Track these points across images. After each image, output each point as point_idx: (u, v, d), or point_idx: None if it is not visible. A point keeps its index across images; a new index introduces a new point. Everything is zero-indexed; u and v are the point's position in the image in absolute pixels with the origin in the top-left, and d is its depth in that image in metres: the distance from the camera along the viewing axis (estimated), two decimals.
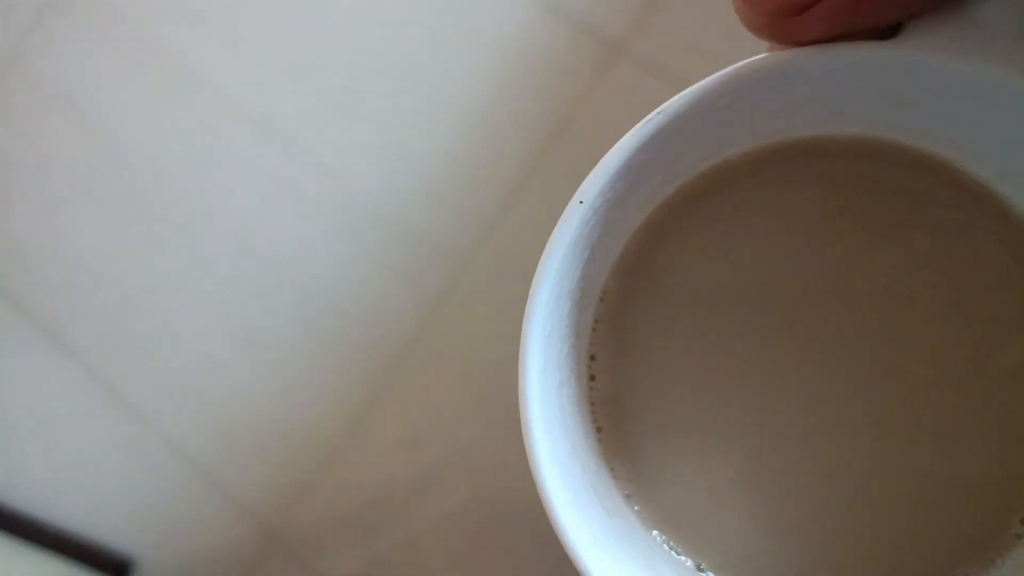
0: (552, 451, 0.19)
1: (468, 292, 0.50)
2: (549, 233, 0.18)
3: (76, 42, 0.54)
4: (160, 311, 0.54)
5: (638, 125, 0.18)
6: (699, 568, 0.22)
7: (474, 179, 0.51)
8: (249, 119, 0.51)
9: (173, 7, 0.53)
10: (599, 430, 0.22)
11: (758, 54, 0.18)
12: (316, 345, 0.52)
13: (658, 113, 0.18)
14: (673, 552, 0.22)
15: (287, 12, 0.52)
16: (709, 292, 0.22)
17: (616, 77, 0.49)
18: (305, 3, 0.52)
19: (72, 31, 0.53)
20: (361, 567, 0.53)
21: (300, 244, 0.52)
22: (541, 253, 0.18)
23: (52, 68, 0.54)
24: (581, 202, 0.18)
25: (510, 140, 0.51)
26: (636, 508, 0.22)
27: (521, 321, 0.18)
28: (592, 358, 0.22)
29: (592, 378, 0.22)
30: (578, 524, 0.18)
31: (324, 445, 0.53)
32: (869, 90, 0.19)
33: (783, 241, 0.22)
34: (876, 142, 0.21)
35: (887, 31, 0.17)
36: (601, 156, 0.18)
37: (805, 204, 0.22)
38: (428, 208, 0.51)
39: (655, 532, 0.22)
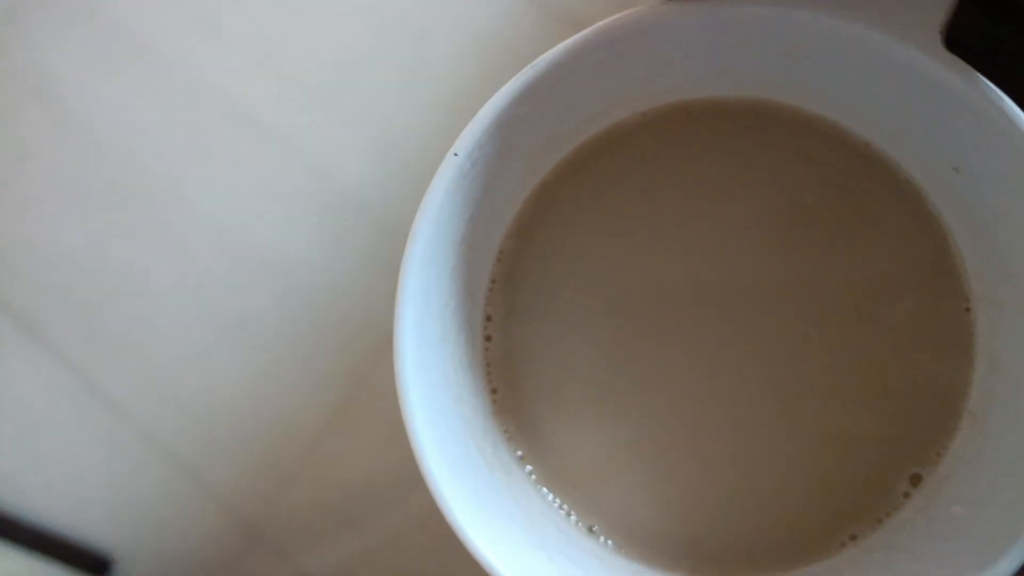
0: (427, 404, 0.19)
1: None
2: None
3: (54, 35, 0.54)
4: (139, 305, 0.53)
5: (513, 78, 0.18)
6: (591, 530, 0.22)
7: None
8: (230, 113, 0.51)
9: (155, 1, 0.53)
10: (494, 391, 0.22)
11: None
12: (297, 338, 0.52)
13: (532, 67, 0.18)
14: (563, 512, 0.22)
15: (269, 5, 0.52)
16: (603, 255, 0.22)
17: None
18: None
19: (49, 24, 0.53)
20: (343, 561, 0.52)
21: (281, 238, 0.52)
22: None
23: (29, 61, 0.54)
24: (456, 154, 0.18)
25: None
26: (528, 468, 0.22)
27: None
28: (488, 318, 0.22)
29: (488, 339, 0.22)
30: (452, 478, 0.18)
31: (305, 438, 0.52)
32: (752, 49, 0.19)
33: (675, 203, 0.22)
34: (765, 104, 0.21)
35: None
36: None
37: (696, 166, 0.22)
38: (410, 201, 0.51)
39: (545, 491, 0.22)
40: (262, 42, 0.54)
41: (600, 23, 0.18)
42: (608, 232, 0.22)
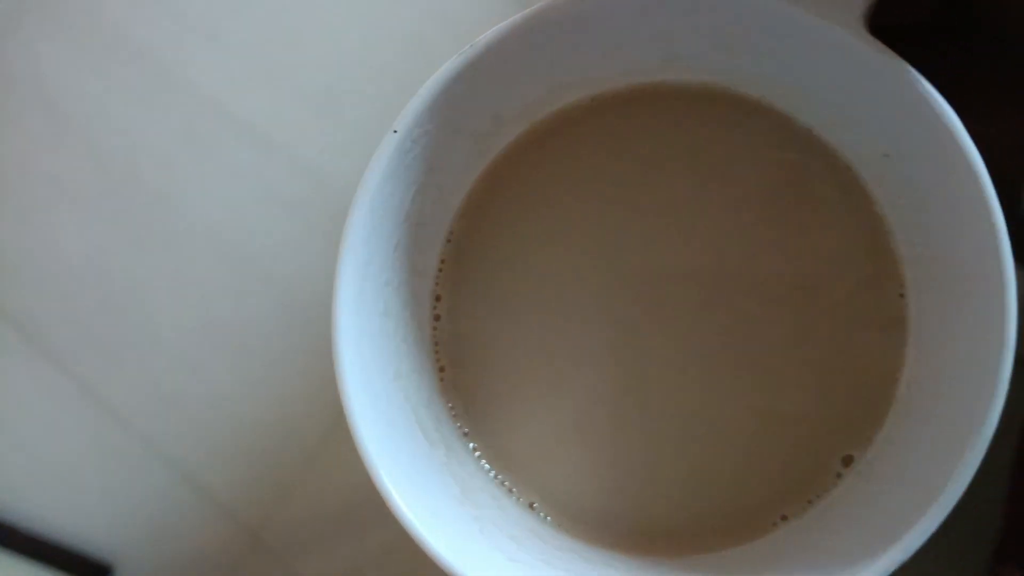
0: (365, 375, 0.19)
1: None
2: None
3: (53, 43, 0.53)
4: (137, 312, 0.52)
5: (452, 58, 0.19)
6: (531, 506, 0.22)
7: None
8: (228, 120, 0.51)
9: (152, 7, 0.52)
10: (442, 369, 0.23)
11: None
12: (295, 344, 0.51)
13: (471, 46, 0.19)
14: (505, 488, 0.22)
15: (266, 12, 0.51)
16: (552, 238, 0.23)
17: None
18: (286, 4, 0.52)
19: (48, 32, 0.53)
20: (343, 568, 0.52)
21: (279, 244, 0.51)
22: None
23: (27, 69, 0.54)
24: (395, 131, 0.19)
25: None
26: (472, 445, 0.22)
27: None
28: (438, 298, 0.23)
29: (437, 318, 0.23)
30: (385, 449, 0.19)
31: (305, 445, 0.52)
32: (693, 34, 0.20)
33: (622, 186, 0.22)
34: (709, 89, 0.22)
35: None
36: None
37: (641, 150, 0.22)
38: None
39: (487, 466, 0.22)
40: (261, 50, 0.53)
41: (536, 6, 0.18)
42: (557, 215, 0.23)
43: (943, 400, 0.18)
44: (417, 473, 0.19)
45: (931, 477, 0.17)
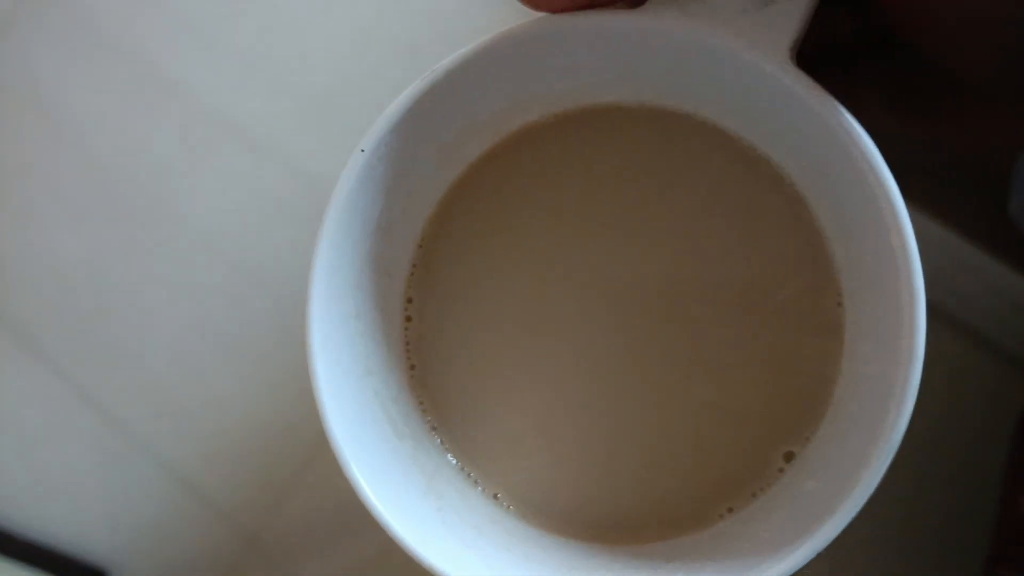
0: (335, 372, 0.21)
1: None
2: None
3: (49, 49, 0.54)
4: (134, 316, 0.53)
5: (414, 82, 0.20)
6: (495, 497, 0.24)
7: None
8: (223, 124, 0.52)
9: (148, 13, 0.53)
10: (412, 367, 0.24)
11: None
12: (291, 349, 0.52)
13: (431, 71, 0.20)
14: (470, 479, 0.24)
15: (263, 18, 0.53)
16: (517, 245, 0.24)
17: None
18: (281, 10, 0.53)
19: (45, 38, 0.54)
20: (340, 571, 0.53)
21: (275, 248, 0.52)
22: None
23: (24, 75, 0.54)
24: (362, 150, 0.20)
25: None
26: (439, 440, 0.24)
27: None
28: (409, 300, 0.24)
29: (408, 319, 0.24)
30: (353, 441, 0.20)
31: (302, 449, 0.53)
32: (641, 59, 0.21)
33: (581, 199, 0.24)
34: (659, 109, 0.23)
35: (638, 2, 0.19)
36: None
37: (599, 164, 0.24)
38: None
39: (452, 459, 0.24)
40: (256, 55, 0.54)
41: (489, 36, 0.20)
42: (522, 224, 0.24)
43: (864, 403, 0.20)
44: (384, 463, 0.21)
45: (848, 476, 0.18)
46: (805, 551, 0.18)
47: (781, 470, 0.22)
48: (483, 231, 0.24)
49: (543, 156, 0.24)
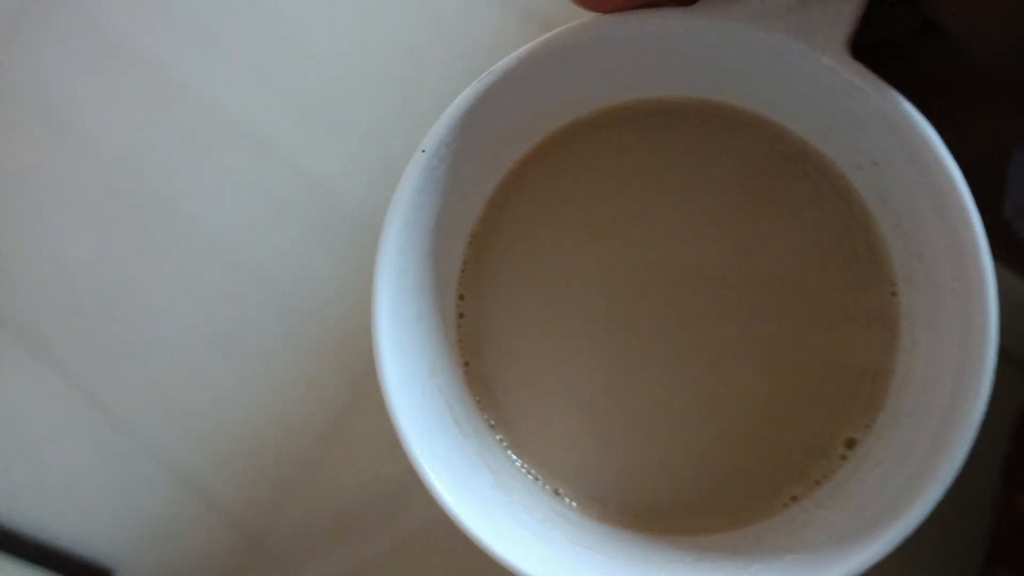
0: (403, 374, 0.21)
1: None
2: None
3: (52, 52, 0.54)
4: (138, 317, 0.53)
5: (473, 82, 0.20)
6: (556, 492, 0.24)
7: None
8: (227, 126, 0.52)
9: (151, 14, 0.53)
10: (466, 364, 0.24)
11: None
12: (295, 350, 0.52)
13: (490, 72, 0.20)
14: (531, 476, 0.24)
15: (266, 20, 0.52)
16: (564, 238, 0.24)
17: None
18: (284, 12, 0.52)
19: (48, 41, 0.54)
20: (345, 571, 0.52)
21: (278, 249, 0.52)
22: None
23: (28, 77, 0.54)
24: (423, 151, 0.20)
25: None
26: (499, 436, 0.24)
27: None
28: (461, 297, 0.24)
29: (461, 315, 0.24)
30: (426, 441, 0.20)
31: (306, 449, 0.52)
32: (685, 55, 0.21)
33: (629, 192, 0.24)
34: (707, 103, 0.23)
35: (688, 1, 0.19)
36: None
37: (647, 158, 0.24)
38: None
39: (513, 456, 0.24)
40: (258, 56, 0.54)
41: (545, 36, 0.20)
42: (569, 217, 0.24)
43: (932, 392, 0.20)
44: (454, 463, 0.21)
45: (925, 462, 0.19)
46: (891, 537, 0.18)
47: (844, 457, 0.23)
48: (531, 227, 0.24)
49: (589, 152, 0.24)
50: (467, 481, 0.21)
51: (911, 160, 0.19)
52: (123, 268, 0.54)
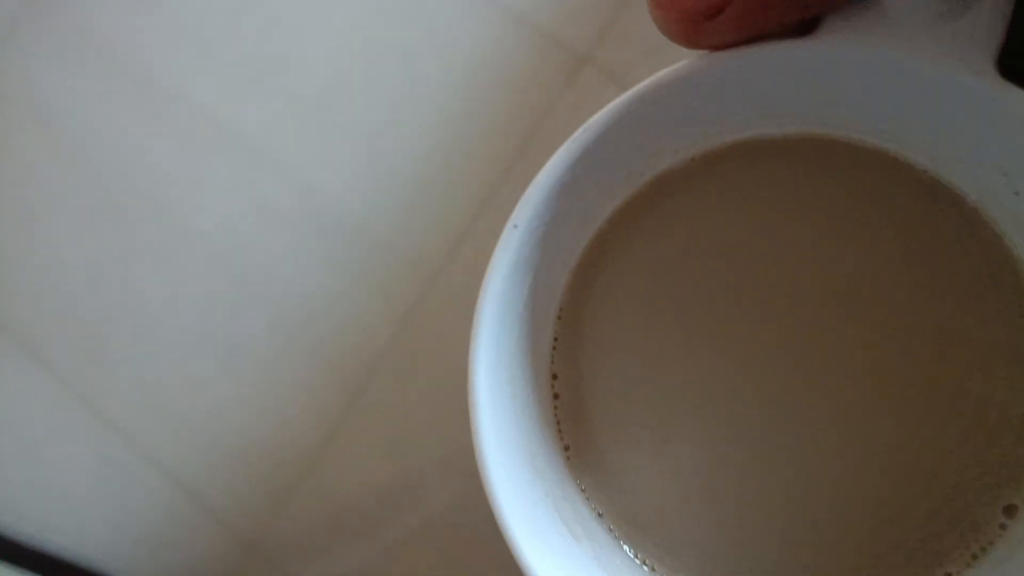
0: (513, 485, 0.18)
1: (439, 301, 0.50)
2: None
3: (49, 59, 0.55)
4: (135, 325, 0.54)
5: (565, 144, 0.18)
6: None
7: (444, 191, 0.51)
8: (223, 135, 0.52)
9: (147, 23, 0.54)
10: (567, 448, 0.22)
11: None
12: (291, 356, 0.53)
13: (584, 130, 0.18)
14: (647, 569, 0.21)
15: (260, 28, 0.53)
16: (663, 300, 0.22)
17: (583, 86, 0.49)
18: (277, 19, 0.53)
19: (44, 48, 0.54)
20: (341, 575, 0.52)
21: (274, 257, 0.52)
22: None
23: (25, 85, 0.55)
24: (516, 226, 0.18)
25: (479, 152, 0.51)
26: (609, 527, 0.22)
27: None
28: (555, 377, 0.22)
29: (556, 396, 0.22)
30: (531, 537, 0.18)
31: (301, 455, 0.52)
32: (798, 88, 0.19)
33: (731, 243, 0.22)
34: (813, 138, 0.21)
35: (805, 28, 0.17)
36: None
37: (753, 206, 0.21)
38: (399, 220, 0.52)
39: (627, 548, 0.21)
40: (254, 65, 0.54)
41: (644, 83, 0.17)
42: (665, 280, 0.22)
43: None
44: (565, 559, 0.19)
45: None
46: None
47: (1003, 526, 0.20)
48: (623, 292, 0.22)
49: (683, 205, 0.22)
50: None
51: None
52: (120, 275, 0.55)
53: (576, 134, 0.18)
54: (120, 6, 0.54)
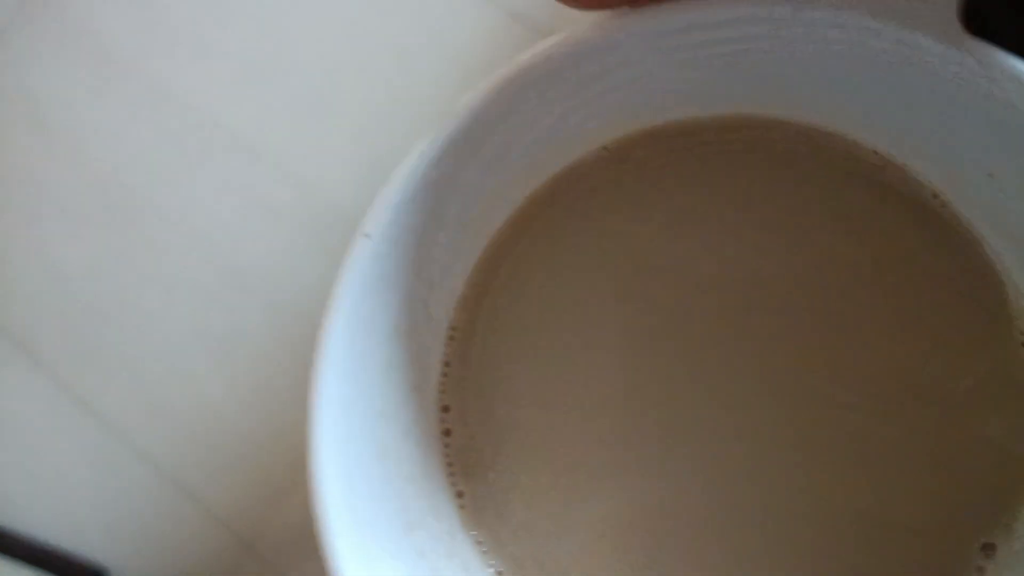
0: (365, 555, 0.15)
1: None
2: None
3: (42, 59, 0.56)
4: (130, 322, 0.54)
5: (426, 135, 0.14)
6: None
7: None
8: (217, 130, 0.53)
9: (140, 20, 0.55)
10: (459, 495, 0.19)
11: None
12: (286, 352, 0.53)
13: (451, 116, 0.14)
14: None
15: (254, 23, 0.54)
16: (573, 313, 0.18)
17: None
18: (272, 15, 0.54)
19: (37, 48, 0.56)
20: None
21: (269, 253, 0.53)
22: None
23: (17, 85, 0.56)
24: (367, 236, 0.14)
25: None
26: None
27: None
28: (445, 410, 0.19)
29: (447, 433, 0.19)
30: None
31: (297, 453, 0.50)
32: (723, 60, 0.15)
33: (644, 248, 0.18)
34: (746, 120, 0.17)
35: None
36: None
37: (674, 202, 0.18)
38: None
39: None
40: (247, 61, 0.55)
41: (527, 55, 0.14)
42: (576, 288, 0.19)
43: None
44: None
45: None
46: None
47: (981, 569, 0.17)
48: (527, 308, 0.19)
49: (593, 204, 0.18)
50: None
51: None
52: (114, 273, 0.55)
53: (442, 121, 0.14)
54: (118, 5, 0.55)
